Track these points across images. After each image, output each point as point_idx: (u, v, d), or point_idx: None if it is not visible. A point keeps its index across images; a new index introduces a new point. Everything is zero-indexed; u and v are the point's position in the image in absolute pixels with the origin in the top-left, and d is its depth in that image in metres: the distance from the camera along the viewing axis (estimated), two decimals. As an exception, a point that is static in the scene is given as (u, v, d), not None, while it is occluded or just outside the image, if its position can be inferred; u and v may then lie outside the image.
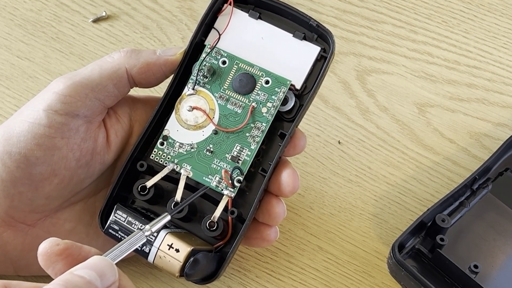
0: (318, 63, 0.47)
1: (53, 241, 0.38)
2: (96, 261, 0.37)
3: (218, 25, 0.48)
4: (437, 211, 0.51)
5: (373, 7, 0.66)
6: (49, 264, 0.38)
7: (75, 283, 0.35)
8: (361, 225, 0.54)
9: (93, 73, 0.46)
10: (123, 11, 0.65)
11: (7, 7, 0.64)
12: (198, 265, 0.43)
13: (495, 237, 0.51)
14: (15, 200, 0.45)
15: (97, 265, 0.37)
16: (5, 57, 0.61)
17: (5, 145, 0.44)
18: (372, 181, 0.56)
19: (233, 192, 0.46)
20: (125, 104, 0.48)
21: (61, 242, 0.38)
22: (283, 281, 0.51)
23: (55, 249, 0.38)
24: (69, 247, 0.38)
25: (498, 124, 0.60)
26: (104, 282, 0.36)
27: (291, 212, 0.54)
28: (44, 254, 0.38)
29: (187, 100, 0.48)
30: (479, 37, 0.65)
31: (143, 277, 0.50)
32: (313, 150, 0.58)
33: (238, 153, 0.47)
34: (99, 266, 0.37)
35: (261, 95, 0.47)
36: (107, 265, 0.37)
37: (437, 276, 0.49)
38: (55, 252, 0.38)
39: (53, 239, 0.38)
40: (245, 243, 0.49)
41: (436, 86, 0.62)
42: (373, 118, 0.60)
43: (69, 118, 0.44)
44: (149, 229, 0.41)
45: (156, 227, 0.42)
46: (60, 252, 0.38)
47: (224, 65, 0.48)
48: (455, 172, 0.57)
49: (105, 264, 0.37)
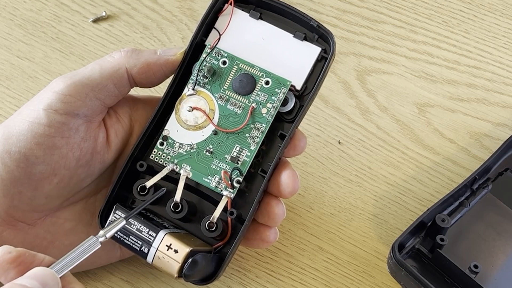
0: (319, 64, 0.47)
1: (5, 249, 0.38)
2: (38, 271, 0.37)
3: (219, 25, 0.48)
4: (437, 211, 0.51)
5: (373, 7, 0.66)
6: (1, 272, 0.38)
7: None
8: (361, 225, 0.54)
9: (93, 73, 0.46)
10: (123, 11, 0.65)
11: (7, 7, 0.64)
12: (196, 266, 0.43)
13: (495, 237, 0.51)
14: (15, 199, 0.45)
15: (38, 275, 0.37)
16: (5, 57, 0.61)
17: (5, 144, 0.44)
18: (372, 181, 0.56)
19: (232, 192, 0.46)
20: (125, 104, 0.48)
21: (13, 250, 0.38)
22: (283, 281, 0.51)
23: (7, 257, 0.38)
24: (21, 255, 0.38)
25: (498, 124, 0.60)
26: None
27: (291, 212, 0.54)
28: None
29: (187, 100, 0.48)
30: (479, 37, 0.65)
31: (143, 277, 0.51)
32: (313, 150, 0.58)
33: (237, 154, 0.47)
34: (40, 275, 0.37)
35: (261, 95, 0.47)
36: (49, 275, 0.37)
37: (437, 276, 0.49)
38: (7, 260, 0.38)
39: (5, 247, 0.38)
40: (245, 244, 0.49)
41: (436, 86, 0.62)
42: (373, 118, 0.60)
43: (69, 117, 0.44)
44: (103, 235, 0.41)
45: (110, 232, 0.41)
46: (12, 260, 0.38)
47: (224, 65, 0.48)
48: (455, 172, 0.57)
49: (47, 274, 0.37)
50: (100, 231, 0.41)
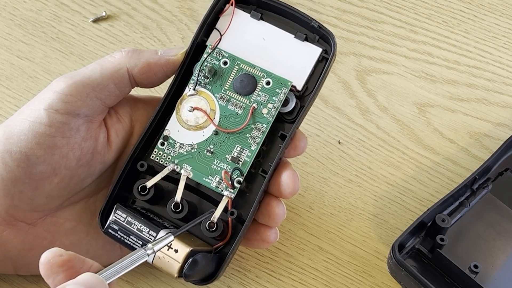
0: (320, 65, 0.47)
1: (57, 252, 0.37)
2: (88, 277, 0.36)
3: (220, 26, 0.48)
4: (437, 211, 0.51)
5: (373, 7, 0.66)
6: (50, 274, 0.37)
7: None
8: (361, 225, 0.54)
9: (94, 73, 0.46)
10: (123, 11, 0.65)
11: (7, 7, 0.64)
12: (197, 266, 0.43)
13: (495, 237, 0.52)
14: (15, 199, 0.45)
15: (87, 281, 0.36)
16: (5, 57, 0.61)
17: (6, 144, 0.44)
18: (372, 181, 0.56)
19: (233, 193, 0.46)
20: (126, 104, 0.48)
21: (65, 253, 0.37)
22: (283, 281, 0.51)
23: (58, 260, 0.37)
24: (71, 259, 0.37)
25: (498, 124, 0.60)
26: None
27: (291, 212, 0.54)
28: (46, 264, 0.37)
29: (188, 100, 0.48)
30: (479, 37, 0.65)
31: (143, 277, 0.51)
32: (313, 150, 0.58)
33: (238, 154, 0.47)
34: (89, 282, 0.36)
35: (262, 96, 0.47)
36: (98, 282, 0.36)
37: (437, 276, 0.49)
38: (57, 263, 0.37)
39: (57, 249, 0.37)
40: (245, 244, 0.49)
41: (436, 86, 0.62)
42: (373, 118, 0.60)
43: (70, 117, 0.44)
44: (151, 248, 0.40)
45: (158, 246, 0.41)
46: (62, 264, 0.37)
47: (225, 65, 0.48)
48: (455, 172, 0.57)
49: (96, 281, 0.36)
50: (149, 244, 0.40)
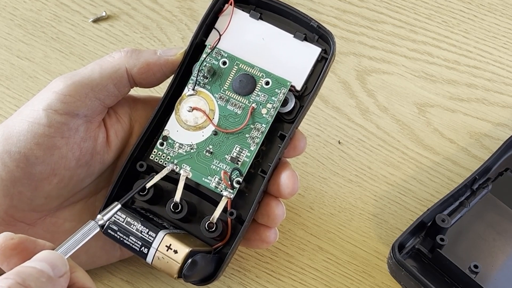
0: (319, 64, 0.47)
1: (8, 235, 0.38)
2: (46, 254, 0.37)
3: (219, 26, 0.48)
4: (437, 211, 0.51)
5: (373, 7, 0.66)
6: (4, 259, 0.38)
7: (28, 273, 0.36)
8: (361, 225, 0.54)
9: (93, 73, 0.46)
10: (123, 11, 0.65)
11: (7, 7, 0.64)
12: (196, 267, 0.43)
13: (495, 237, 0.51)
14: (14, 200, 0.45)
15: (47, 257, 0.37)
16: (5, 57, 0.61)
17: (5, 144, 0.44)
18: (372, 181, 0.56)
19: (232, 193, 0.46)
20: (125, 104, 0.48)
21: (15, 236, 0.38)
22: (283, 281, 0.51)
23: (10, 243, 0.38)
24: (23, 241, 0.38)
25: (498, 124, 0.60)
26: (55, 272, 0.37)
27: (291, 212, 0.54)
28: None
29: (187, 100, 0.48)
30: (479, 37, 0.65)
31: (143, 277, 0.51)
32: (313, 150, 0.58)
33: (237, 154, 0.47)
34: (49, 258, 0.37)
35: (261, 96, 0.47)
36: (57, 257, 0.37)
37: (437, 276, 0.49)
38: (9, 246, 0.38)
39: (7, 233, 0.38)
40: (245, 244, 0.49)
41: (436, 86, 0.62)
42: (373, 118, 0.60)
43: (69, 117, 0.44)
44: (101, 218, 0.41)
45: (107, 216, 0.41)
46: (14, 246, 0.38)
47: (224, 65, 0.48)
48: (455, 172, 0.57)
49: (55, 257, 0.37)
50: (98, 215, 0.41)
